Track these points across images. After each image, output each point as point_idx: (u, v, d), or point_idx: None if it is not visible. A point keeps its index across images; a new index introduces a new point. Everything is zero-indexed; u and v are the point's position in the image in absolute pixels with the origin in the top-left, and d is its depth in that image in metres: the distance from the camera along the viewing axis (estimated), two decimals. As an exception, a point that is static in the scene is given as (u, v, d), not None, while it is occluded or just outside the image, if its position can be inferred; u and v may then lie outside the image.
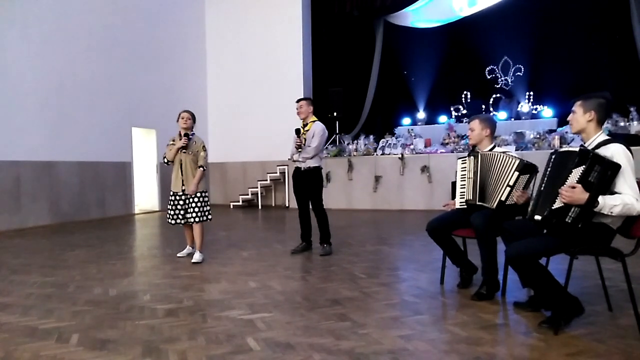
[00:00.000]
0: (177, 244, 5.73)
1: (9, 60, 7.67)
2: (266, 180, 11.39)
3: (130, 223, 8.55)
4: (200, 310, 3.23)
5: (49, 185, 8.29)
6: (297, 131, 5.08)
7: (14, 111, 7.71)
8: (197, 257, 4.80)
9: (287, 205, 11.10)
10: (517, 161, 3.26)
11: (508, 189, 3.26)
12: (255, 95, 11.92)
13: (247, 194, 11.47)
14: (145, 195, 10.74)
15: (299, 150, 5.06)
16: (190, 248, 5.09)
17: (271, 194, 11.71)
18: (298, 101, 5.26)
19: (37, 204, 8.07)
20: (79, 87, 8.88)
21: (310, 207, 5.14)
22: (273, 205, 11.65)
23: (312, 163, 5.05)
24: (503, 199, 3.28)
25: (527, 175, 3.26)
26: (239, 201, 11.44)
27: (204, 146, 4.89)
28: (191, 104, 11.86)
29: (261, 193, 11.44)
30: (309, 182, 5.09)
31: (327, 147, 11.11)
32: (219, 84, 12.54)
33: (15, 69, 7.77)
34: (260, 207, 11.34)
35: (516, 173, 3.24)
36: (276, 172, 11.27)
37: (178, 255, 5.07)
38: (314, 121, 5.14)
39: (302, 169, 5.08)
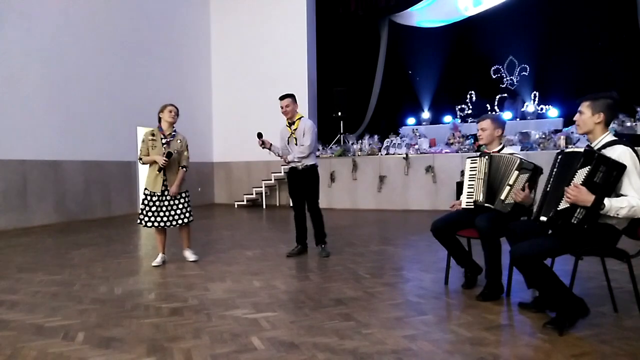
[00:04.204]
0: (182, 243, 5.73)
1: (15, 60, 7.72)
2: (270, 180, 11.41)
3: (135, 222, 8.55)
4: (205, 309, 3.24)
5: (55, 184, 8.34)
6: (259, 135, 4.85)
7: (20, 111, 7.76)
8: (193, 255, 4.86)
9: (291, 205, 11.09)
10: (518, 160, 3.29)
11: (507, 187, 3.29)
12: (260, 95, 11.93)
13: (252, 194, 11.49)
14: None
15: (265, 148, 4.89)
16: (164, 255, 4.75)
17: (275, 194, 11.73)
18: (282, 98, 4.90)
19: (43, 203, 8.12)
20: (85, 87, 8.92)
21: (306, 207, 4.99)
22: (277, 205, 11.67)
23: (308, 162, 4.90)
24: (502, 197, 3.31)
25: (527, 174, 3.23)
26: (243, 201, 11.46)
27: (187, 145, 4.68)
28: (196, 103, 11.95)
29: (265, 193, 11.45)
30: (306, 181, 4.94)
31: (331, 147, 11.12)
32: (224, 83, 12.57)
33: (21, 69, 7.82)
34: (264, 206, 11.36)
35: (516, 172, 3.27)
36: (280, 172, 11.27)
37: (153, 264, 4.64)
38: (299, 118, 4.95)
39: (299, 168, 4.93)
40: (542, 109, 12.38)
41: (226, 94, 12.52)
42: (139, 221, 4.60)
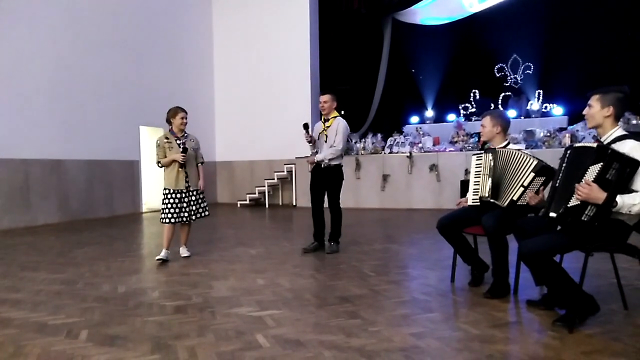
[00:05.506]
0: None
1: (18, 59, 7.72)
2: (273, 179, 11.38)
3: (138, 221, 8.58)
4: (209, 307, 3.21)
5: (58, 183, 8.34)
6: (305, 126, 4.94)
7: (23, 110, 7.76)
8: (187, 252, 4.98)
9: (294, 204, 11.09)
10: (535, 162, 3.13)
11: (522, 189, 3.16)
12: (263, 94, 11.92)
13: (255, 193, 11.47)
14: (153, 193, 10.74)
15: (310, 143, 4.96)
16: (168, 251, 4.78)
17: (278, 193, 11.70)
18: (323, 93, 5.00)
19: (47, 202, 8.12)
20: (88, 86, 8.92)
21: (326, 204, 5.02)
22: (280, 204, 11.64)
23: (333, 161, 4.96)
24: (515, 198, 3.20)
25: (543, 178, 3.12)
26: (246, 200, 11.44)
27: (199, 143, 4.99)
28: (198, 102, 11.93)
29: (268, 192, 11.43)
30: (329, 180, 4.98)
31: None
32: (226, 82, 12.56)
33: (24, 68, 7.81)
34: (267, 205, 11.33)
35: (532, 174, 3.12)
36: (283, 171, 11.25)
37: (157, 258, 4.70)
38: (335, 117, 4.97)
39: (323, 166, 4.96)
40: (546, 107, 12.32)
41: (229, 93, 12.50)
42: (166, 220, 4.67)
